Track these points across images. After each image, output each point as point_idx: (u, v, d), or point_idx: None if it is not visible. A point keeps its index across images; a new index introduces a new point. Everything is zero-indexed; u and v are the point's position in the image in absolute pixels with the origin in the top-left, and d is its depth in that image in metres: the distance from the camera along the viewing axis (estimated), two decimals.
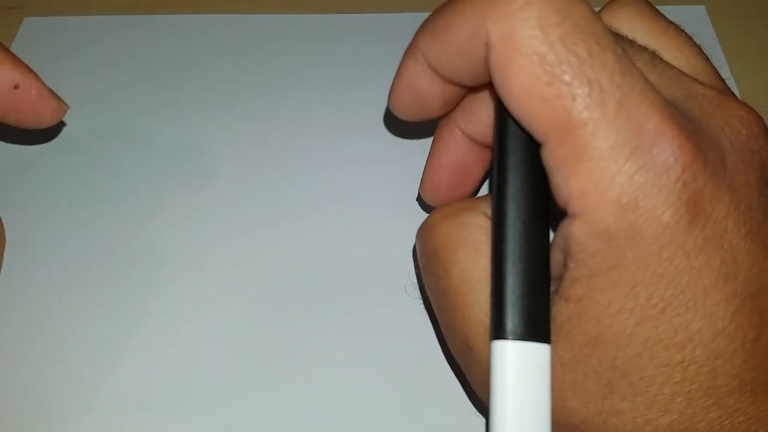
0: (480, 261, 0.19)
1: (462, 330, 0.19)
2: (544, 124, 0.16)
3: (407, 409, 0.22)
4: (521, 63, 0.16)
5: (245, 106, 0.30)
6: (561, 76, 0.16)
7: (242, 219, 0.27)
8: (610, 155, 0.15)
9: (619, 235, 0.16)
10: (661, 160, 0.15)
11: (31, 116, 0.24)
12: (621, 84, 0.16)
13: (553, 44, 0.16)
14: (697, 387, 0.16)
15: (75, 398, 0.23)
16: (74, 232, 0.26)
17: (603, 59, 0.16)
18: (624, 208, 0.15)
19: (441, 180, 0.23)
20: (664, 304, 0.16)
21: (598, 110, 0.15)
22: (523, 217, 0.17)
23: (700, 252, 0.16)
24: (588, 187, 0.16)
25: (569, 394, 0.17)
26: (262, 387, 0.23)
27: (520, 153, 0.17)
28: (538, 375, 0.16)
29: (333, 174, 0.28)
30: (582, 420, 0.17)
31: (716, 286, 0.16)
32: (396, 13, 0.33)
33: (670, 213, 0.15)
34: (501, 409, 0.16)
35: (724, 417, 0.16)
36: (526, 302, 0.17)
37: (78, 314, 0.24)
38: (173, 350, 0.24)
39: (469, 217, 0.20)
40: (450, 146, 0.22)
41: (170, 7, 0.34)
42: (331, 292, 0.25)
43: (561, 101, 0.16)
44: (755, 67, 0.31)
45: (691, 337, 0.16)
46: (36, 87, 0.23)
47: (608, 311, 0.16)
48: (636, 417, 0.17)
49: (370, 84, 0.30)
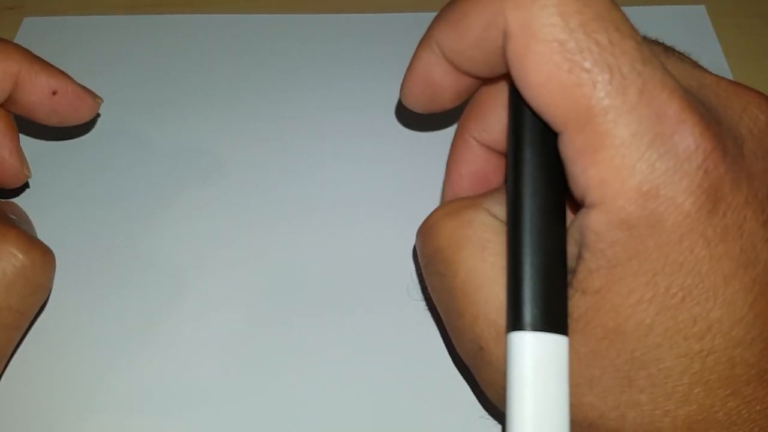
0: (488, 259, 0.18)
1: (471, 330, 0.18)
2: (563, 112, 0.16)
3: (413, 412, 0.22)
4: (540, 51, 0.16)
5: (245, 106, 0.30)
6: (581, 63, 0.15)
7: (243, 219, 0.27)
8: (632, 143, 0.15)
9: (640, 223, 0.15)
10: (682, 147, 0.15)
11: (71, 116, 0.25)
12: (642, 71, 0.15)
13: (573, 31, 0.15)
14: (716, 377, 0.16)
15: (75, 398, 0.23)
16: (74, 232, 0.26)
17: (624, 46, 0.15)
18: (645, 196, 0.15)
19: (462, 190, 0.22)
20: (684, 293, 0.16)
21: (619, 97, 0.15)
22: (539, 208, 0.17)
23: (720, 240, 0.15)
24: (608, 176, 0.15)
25: (586, 389, 0.17)
26: (263, 388, 0.23)
27: (536, 143, 0.17)
28: (557, 367, 0.16)
29: (333, 174, 0.28)
30: (599, 415, 0.17)
31: (736, 274, 0.16)
32: (396, 13, 0.33)
33: (691, 201, 0.15)
34: (519, 402, 0.16)
35: (741, 406, 0.16)
36: (545, 293, 0.16)
37: (78, 314, 0.24)
38: (174, 350, 0.24)
39: (473, 215, 0.19)
40: (467, 157, 0.22)
41: (170, 7, 0.34)
42: (332, 294, 0.25)
43: (581, 89, 0.15)
44: (755, 67, 0.31)
45: (710, 327, 0.16)
46: (72, 89, 0.24)
47: (627, 302, 0.16)
48: (654, 409, 0.16)
49: (371, 84, 0.30)
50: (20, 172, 0.24)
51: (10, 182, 0.25)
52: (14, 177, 0.24)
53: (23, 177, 0.25)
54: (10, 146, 0.24)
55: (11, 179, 0.24)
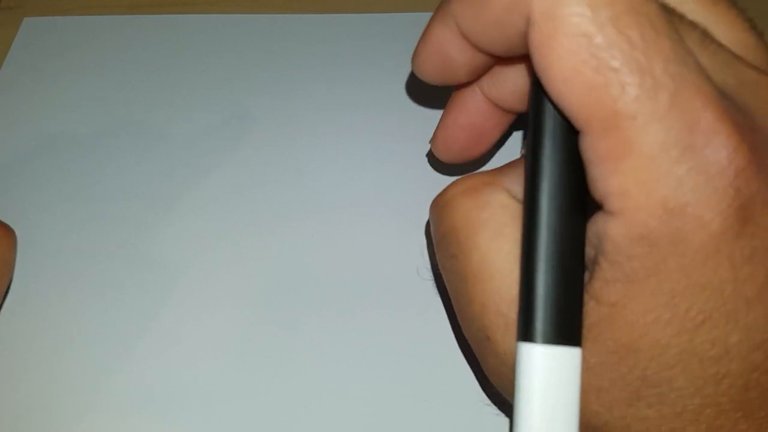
0: (503, 247, 0.17)
1: (479, 319, 0.18)
2: (587, 112, 0.15)
3: (419, 396, 0.22)
4: (565, 44, 0.14)
5: (245, 106, 0.30)
6: (609, 61, 0.14)
7: (243, 218, 0.27)
8: (660, 154, 0.14)
9: (662, 241, 0.14)
10: (713, 162, 0.14)
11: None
12: (675, 74, 0.14)
13: (602, 25, 0.14)
14: (729, 399, 0.15)
15: (75, 398, 0.23)
16: (74, 231, 0.26)
17: (658, 45, 0.14)
18: (670, 213, 0.14)
19: (455, 139, 0.21)
20: (704, 316, 0.15)
21: (649, 103, 0.14)
22: (558, 209, 0.16)
23: (746, 263, 0.15)
24: (631, 187, 0.14)
25: (593, 397, 0.16)
26: (266, 387, 0.23)
27: (557, 138, 0.16)
28: (568, 382, 0.15)
29: (334, 173, 0.28)
30: (604, 423, 0.16)
31: (759, 298, 0.15)
32: (396, 13, 0.33)
33: (719, 221, 0.14)
34: (526, 417, 0.15)
35: (752, 429, 0.16)
36: (559, 302, 0.15)
37: (78, 314, 0.24)
38: (175, 350, 0.24)
39: (492, 195, 0.18)
40: (469, 107, 0.21)
41: (171, 7, 0.34)
42: (334, 291, 0.25)
43: (608, 90, 0.14)
44: None
45: (728, 351, 0.15)
46: None
47: (643, 320, 0.15)
48: (661, 425, 0.16)
49: (371, 84, 0.30)
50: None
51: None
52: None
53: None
54: None
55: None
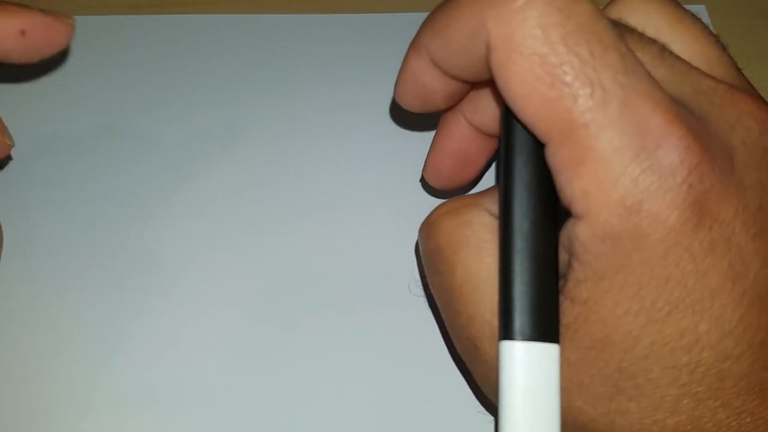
0: (484, 260, 0.18)
1: (467, 329, 0.19)
2: (547, 125, 0.16)
3: (413, 407, 0.22)
4: (522, 64, 0.16)
5: (245, 106, 0.30)
6: (562, 77, 0.15)
7: (242, 218, 0.27)
8: (614, 157, 0.15)
9: (623, 237, 0.16)
10: (666, 161, 0.15)
11: (47, 48, 0.24)
12: (624, 83, 0.15)
13: (554, 44, 0.15)
14: (705, 388, 0.16)
15: (75, 398, 0.23)
16: (74, 231, 0.26)
17: (606, 59, 0.15)
18: (628, 211, 0.15)
19: (444, 165, 0.23)
20: (671, 306, 0.16)
21: (600, 111, 0.15)
22: (530, 216, 0.17)
23: (706, 254, 0.15)
24: (591, 189, 0.16)
25: (576, 394, 0.17)
26: (264, 388, 0.23)
27: (526, 151, 0.17)
28: (548, 376, 0.16)
29: (334, 173, 0.28)
30: (589, 420, 0.17)
31: (724, 288, 0.16)
32: (396, 13, 0.33)
33: (675, 215, 0.15)
34: (510, 411, 0.16)
35: (731, 418, 0.16)
36: (535, 302, 0.16)
37: (77, 314, 0.24)
38: (174, 350, 0.24)
39: (473, 215, 0.19)
40: (454, 134, 0.22)
41: (171, 7, 0.34)
42: (333, 291, 0.25)
43: (562, 102, 0.15)
44: (755, 67, 0.31)
45: (698, 340, 0.16)
46: (40, 21, 0.23)
47: (614, 314, 0.16)
48: (643, 418, 0.16)
49: (371, 84, 0.30)
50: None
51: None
52: (64, 35, 0.24)
53: (6, 148, 0.24)
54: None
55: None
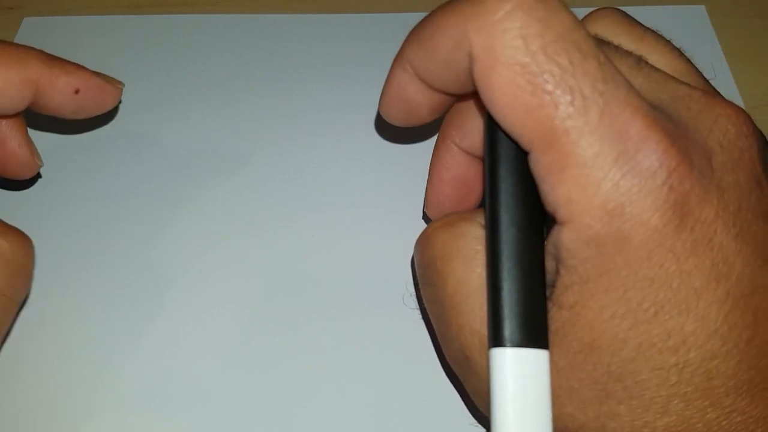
0: (475, 270, 0.19)
1: (458, 340, 0.19)
2: (529, 133, 0.16)
3: (405, 420, 0.22)
4: (503, 73, 0.16)
5: (245, 106, 0.30)
6: (543, 85, 0.16)
7: (242, 219, 0.27)
8: (595, 162, 0.16)
9: (607, 240, 0.16)
10: (646, 165, 0.15)
11: (96, 108, 0.25)
12: (603, 91, 0.16)
13: (534, 54, 0.16)
14: (693, 389, 0.16)
15: (75, 398, 0.23)
16: (74, 231, 0.26)
17: (585, 67, 0.16)
18: (611, 214, 0.16)
19: (444, 196, 0.23)
20: (656, 307, 0.16)
21: (581, 118, 0.16)
22: (516, 224, 0.17)
23: (689, 255, 0.16)
24: (574, 195, 0.16)
25: (566, 399, 0.17)
26: (259, 389, 0.23)
27: (510, 160, 0.17)
28: (538, 382, 0.16)
29: (333, 175, 0.28)
30: (581, 425, 0.17)
31: (708, 287, 0.16)
32: (396, 13, 0.33)
33: (657, 217, 0.15)
34: (501, 418, 0.16)
35: (721, 417, 0.16)
36: (523, 308, 0.17)
37: (77, 314, 0.24)
38: (174, 350, 0.24)
39: (465, 227, 0.19)
40: (448, 162, 0.22)
41: (171, 7, 0.34)
42: (334, 291, 0.25)
43: (544, 110, 0.16)
44: (755, 67, 0.31)
45: (684, 340, 0.16)
46: (93, 83, 0.24)
47: (601, 317, 0.16)
48: (633, 420, 0.17)
49: (371, 84, 0.30)
50: (32, 162, 0.25)
51: (22, 173, 0.25)
52: (26, 167, 0.25)
53: (35, 166, 0.25)
54: (19, 137, 0.24)
55: (23, 169, 0.25)
